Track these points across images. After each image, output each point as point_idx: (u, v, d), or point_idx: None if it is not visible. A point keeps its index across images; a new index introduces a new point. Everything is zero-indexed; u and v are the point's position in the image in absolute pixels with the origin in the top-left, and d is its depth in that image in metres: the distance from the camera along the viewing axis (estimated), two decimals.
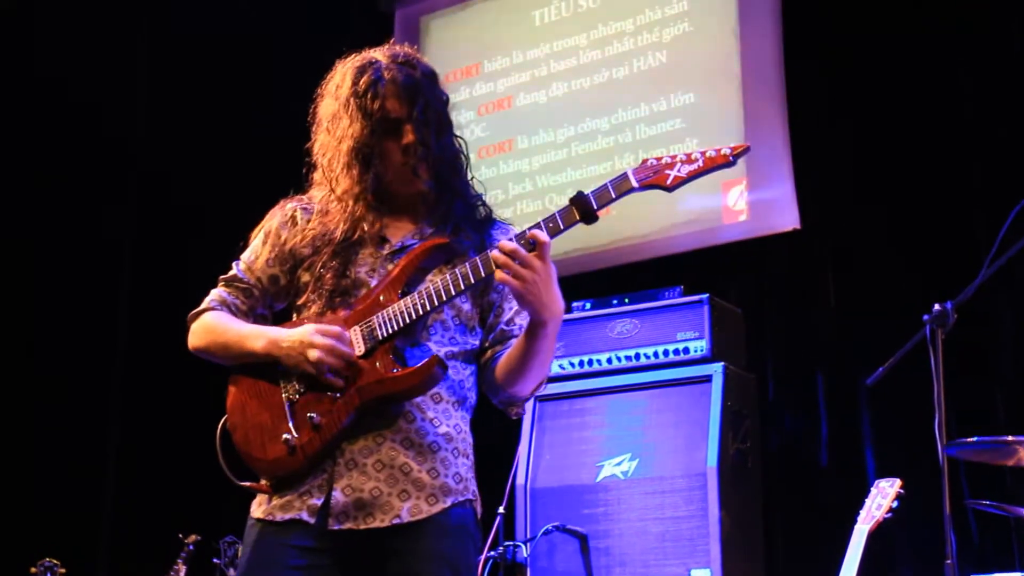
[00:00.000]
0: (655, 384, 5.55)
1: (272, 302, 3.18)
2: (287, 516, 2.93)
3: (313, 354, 2.92)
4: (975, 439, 4.19)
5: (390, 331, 2.93)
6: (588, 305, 5.90)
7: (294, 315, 3.13)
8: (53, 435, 7.78)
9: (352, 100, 3.06)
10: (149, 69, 8.22)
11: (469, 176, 3.21)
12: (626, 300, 5.81)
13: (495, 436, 4.39)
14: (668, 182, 2.86)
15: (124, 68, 8.13)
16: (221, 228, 7.65)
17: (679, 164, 2.86)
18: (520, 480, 5.56)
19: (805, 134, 6.39)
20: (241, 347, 3.05)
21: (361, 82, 3.06)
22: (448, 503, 2.94)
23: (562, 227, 2.85)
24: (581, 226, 2.88)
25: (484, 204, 3.21)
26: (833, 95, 6.35)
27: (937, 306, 4.08)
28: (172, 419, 7.69)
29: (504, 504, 5.42)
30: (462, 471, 2.99)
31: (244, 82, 7.88)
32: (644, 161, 2.89)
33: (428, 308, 2.91)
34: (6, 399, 7.73)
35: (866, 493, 4.49)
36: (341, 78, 3.13)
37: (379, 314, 2.94)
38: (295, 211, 3.16)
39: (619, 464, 5.45)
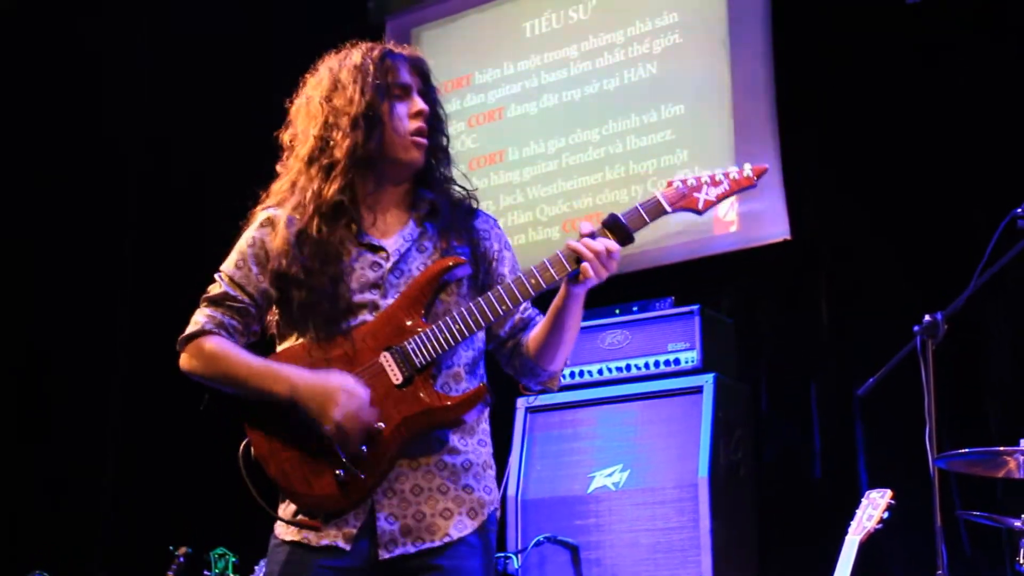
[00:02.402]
0: (646, 395, 5.55)
1: (263, 317, 3.11)
2: (322, 542, 2.93)
3: (335, 413, 2.86)
4: (966, 450, 4.20)
5: (428, 358, 2.93)
6: None
7: (290, 333, 3.06)
8: (49, 445, 7.77)
9: (363, 69, 3.08)
10: (151, 69, 8.20)
11: (452, 168, 3.22)
12: (617, 311, 5.81)
13: None
14: (699, 206, 2.96)
15: (125, 68, 8.11)
16: (220, 228, 7.74)
17: (706, 187, 2.96)
18: (511, 491, 5.56)
19: (795, 144, 6.40)
20: (257, 387, 2.95)
21: (374, 54, 3.11)
22: (486, 515, 3.00)
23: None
24: (569, 237, 2.90)
25: (469, 195, 3.21)
26: (823, 104, 6.35)
27: (927, 317, 4.08)
28: (166, 430, 7.68)
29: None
30: (490, 483, 3.06)
31: (241, 88, 7.87)
32: (669, 184, 2.97)
33: (468, 333, 2.94)
34: (3, 405, 7.72)
35: (858, 504, 4.49)
36: (341, 58, 3.16)
37: (411, 340, 2.93)
38: (274, 218, 3.10)
39: (610, 475, 5.45)
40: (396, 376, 2.92)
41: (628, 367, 5.65)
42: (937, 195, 5.93)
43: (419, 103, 3.10)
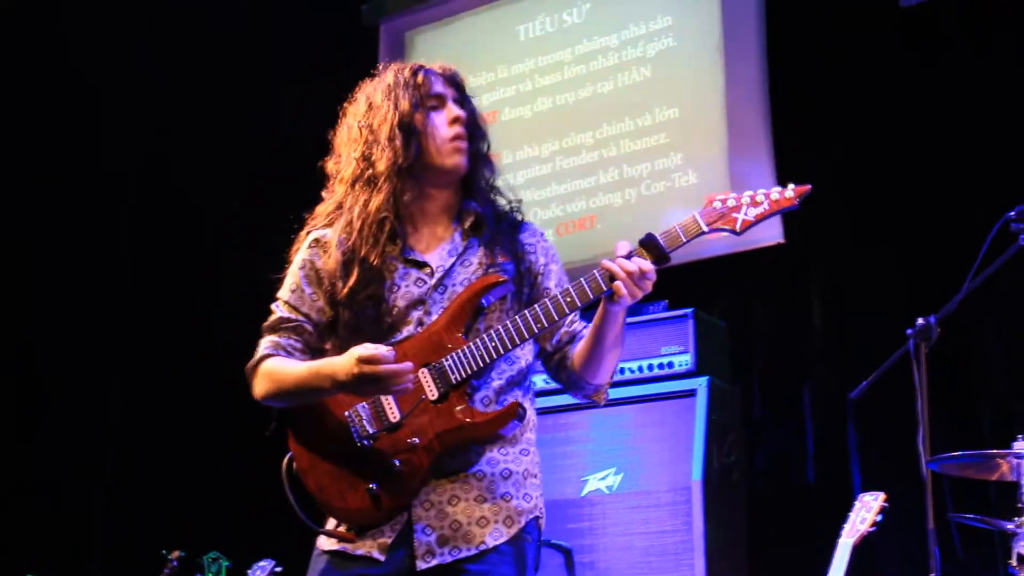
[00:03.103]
0: (640, 398, 5.55)
1: (324, 334, 3.13)
2: (358, 551, 2.97)
3: (379, 374, 2.87)
4: (958, 453, 4.20)
5: (464, 375, 2.95)
6: None
7: (335, 352, 3.08)
8: (45, 446, 7.77)
9: (396, 85, 3.13)
10: (150, 69, 8.20)
11: (496, 178, 3.28)
12: None
13: None
14: (737, 227, 2.94)
15: (126, 68, 8.11)
16: (219, 228, 7.75)
17: (745, 207, 2.95)
18: None
19: (789, 147, 6.40)
20: (306, 385, 3.00)
21: (406, 70, 3.17)
22: (523, 522, 3.01)
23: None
24: (566, 240, 2.91)
25: (511, 205, 3.27)
26: (817, 108, 6.36)
27: (920, 320, 4.09)
28: (162, 434, 7.69)
29: None
30: (531, 491, 3.06)
31: (237, 90, 7.88)
32: (709, 202, 2.95)
33: (505, 350, 2.96)
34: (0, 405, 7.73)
35: (851, 507, 4.49)
36: (375, 82, 3.20)
37: (449, 357, 2.96)
38: (323, 239, 3.15)
39: (604, 478, 5.45)
40: (432, 392, 2.96)
41: (622, 370, 5.65)
42: (930, 198, 5.93)
43: (455, 110, 3.16)
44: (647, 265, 2.91)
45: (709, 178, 6.59)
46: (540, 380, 5.69)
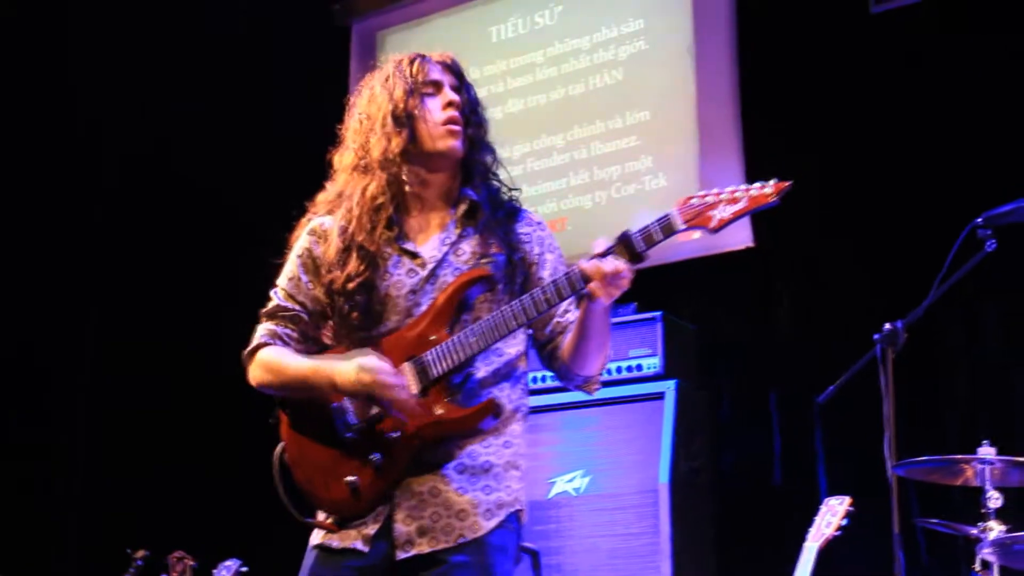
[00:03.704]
0: (608, 401, 5.55)
1: (319, 322, 3.17)
2: (344, 545, 3.01)
3: (384, 397, 2.94)
4: (924, 458, 4.21)
5: (443, 370, 2.98)
6: None
7: (336, 341, 3.13)
8: (10, 445, 7.72)
9: (394, 74, 3.18)
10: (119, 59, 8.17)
11: (498, 165, 3.26)
12: None
13: None
14: (712, 224, 2.90)
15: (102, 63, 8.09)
16: (198, 226, 7.73)
17: (722, 204, 2.90)
18: None
19: (759, 151, 6.42)
20: (307, 382, 3.04)
21: (404, 60, 3.21)
22: (503, 515, 3.04)
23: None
24: None
25: (511, 192, 3.26)
26: (787, 112, 6.38)
27: (888, 325, 4.10)
28: (127, 432, 7.65)
29: None
30: (513, 484, 3.09)
31: (209, 88, 7.86)
32: (688, 200, 2.91)
33: (484, 346, 2.98)
34: None
35: (817, 510, 4.50)
36: (380, 72, 3.24)
37: (431, 351, 2.99)
38: (322, 227, 3.18)
39: (571, 480, 5.45)
40: (413, 386, 2.99)
41: None
42: (899, 204, 5.96)
43: (450, 94, 3.17)
44: (622, 265, 2.90)
45: (679, 181, 6.61)
46: None
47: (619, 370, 5.62)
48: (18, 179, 7.90)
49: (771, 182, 2.95)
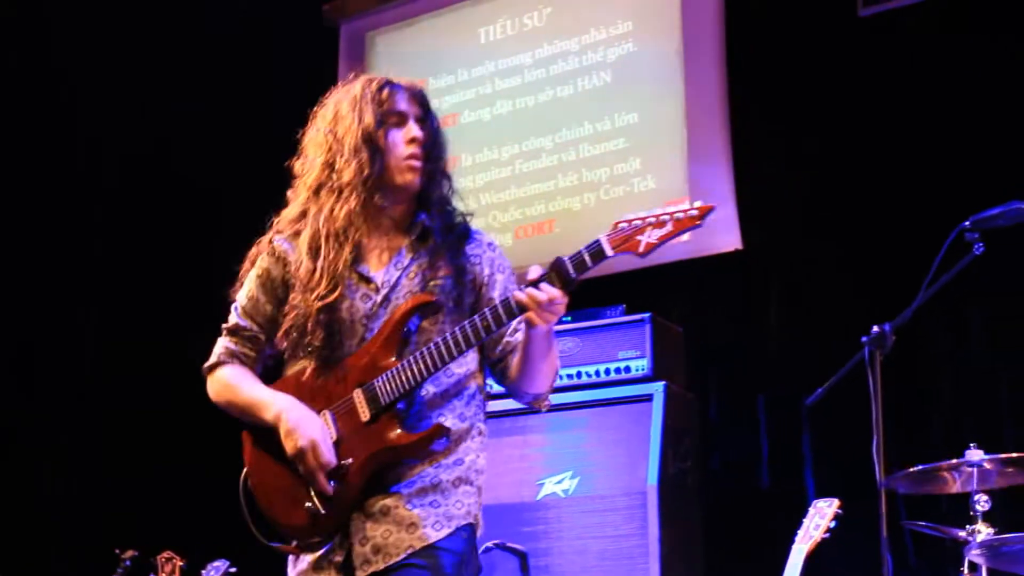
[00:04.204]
0: (596, 403, 5.55)
1: (277, 342, 3.28)
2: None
3: (300, 467, 3.08)
4: (913, 469, 4.20)
5: (392, 397, 3.08)
6: None
7: (292, 359, 3.25)
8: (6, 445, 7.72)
9: (363, 98, 3.25)
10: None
11: (453, 193, 3.34)
12: (568, 318, 5.80)
13: None
14: (640, 249, 2.99)
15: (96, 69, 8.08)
16: (193, 230, 7.73)
17: (649, 229, 2.99)
18: None
19: (748, 154, 6.43)
20: (253, 413, 3.19)
21: (373, 84, 3.30)
22: (452, 527, 3.11)
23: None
24: (525, 244, 2.94)
25: (463, 218, 3.33)
26: (776, 115, 6.39)
27: (876, 328, 4.11)
28: (118, 431, 7.64)
29: None
30: (464, 499, 3.16)
31: (200, 90, 7.86)
32: (615, 225, 3.00)
33: (429, 372, 3.08)
34: None
35: (805, 512, 4.51)
36: (344, 91, 3.31)
37: (379, 378, 3.09)
38: (280, 248, 3.28)
39: (560, 482, 5.45)
40: (364, 414, 3.10)
41: (579, 374, 5.65)
42: (887, 207, 5.97)
43: (414, 130, 3.25)
44: (554, 292, 3.00)
45: (668, 183, 6.62)
46: (494, 383, 5.72)
47: (607, 372, 5.62)
48: (18, 179, 7.90)
49: (696, 204, 3.03)
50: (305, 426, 3.09)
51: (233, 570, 5.20)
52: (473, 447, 3.23)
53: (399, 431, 3.07)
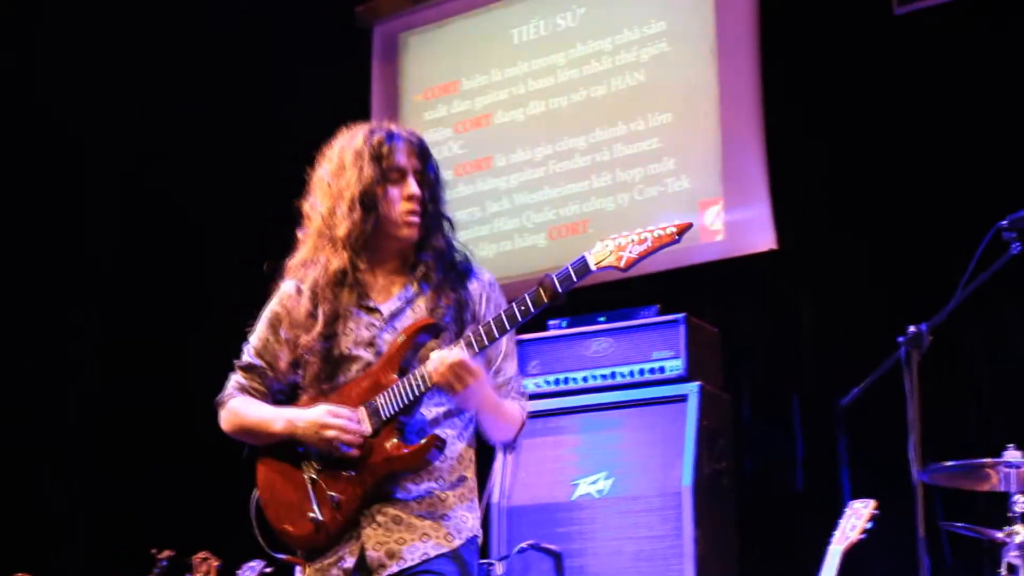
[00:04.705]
0: (631, 403, 5.55)
1: (285, 377, 3.49)
2: None
3: (329, 433, 3.27)
4: (950, 463, 4.20)
5: (393, 411, 3.28)
6: (564, 323, 5.90)
7: (302, 391, 3.46)
8: (30, 445, 7.75)
9: (364, 152, 3.40)
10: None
11: (453, 235, 3.53)
12: (602, 319, 5.80)
13: None
14: (622, 264, 3.20)
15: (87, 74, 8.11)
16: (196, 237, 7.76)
17: (631, 245, 3.19)
18: (495, 498, 5.55)
19: (782, 154, 6.41)
20: (263, 430, 3.41)
21: (374, 138, 3.43)
22: (463, 539, 3.34)
23: (532, 309, 3.24)
24: (559, 244, 2.98)
25: (464, 256, 3.52)
26: (810, 114, 6.37)
27: (912, 328, 4.09)
28: (152, 433, 7.68)
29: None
30: (468, 514, 3.39)
31: (220, 91, 7.89)
32: (600, 242, 3.22)
33: (424, 389, 3.26)
34: None
35: (840, 514, 4.49)
36: (348, 139, 3.47)
37: (381, 394, 3.29)
38: (286, 292, 3.49)
39: (594, 483, 5.45)
40: (367, 429, 3.30)
41: (613, 375, 5.65)
42: (922, 206, 5.95)
43: (412, 187, 3.40)
44: (455, 358, 3.19)
45: (702, 183, 6.61)
46: (531, 384, 5.73)
47: (642, 372, 5.61)
48: (17, 178, 7.95)
49: (675, 222, 3.21)
50: (314, 410, 3.32)
51: (268, 570, 5.22)
52: (472, 469, 3.45)
53: (397, 442, 3.27)
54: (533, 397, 5.65)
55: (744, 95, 6.56)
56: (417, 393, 3.25)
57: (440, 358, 3.20)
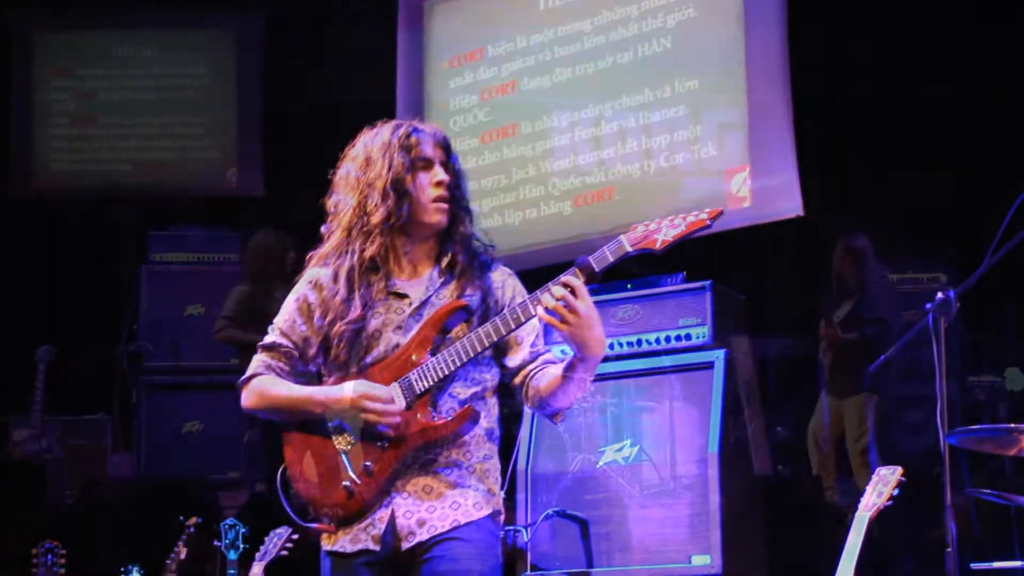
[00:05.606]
0: (657, 370, 5.54)
1: (310, 360, 3.59)
2: (356, 547, 3.42)
3: (368, 413, 3.37)
4: (977, 427, 4.19)
5: (426, 386, 3.40)
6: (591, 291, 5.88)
7: (325, 372, 3.57)
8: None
9: (392, 143, 3.54)
10: None
11: (475, 226, 3.64)
12: (629, 286, 5.79)
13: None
14: (657, 246, 3.30)
15: None
16: None
17: (665, 228, 3.31)
18: (521, 465, 5.56)
19: (809, 120, 6.38)
20: (296, 408, 3.49)
21: (400, 131, 3.57)
22: (490, 510, 3.46)
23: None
24: (584, 212, 2.98)
25: (486, 249, 3.64)
26: (838, 79, 6.35)
27: (940, 295, 4.07)
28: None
29: (504, 489, 5.41)
30: (494, 488, 3.51)
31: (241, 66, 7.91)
32: (634, 227, 3.32)
33: (459, 363, 3.38)
34: None
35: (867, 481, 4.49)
36: (373, 135, 3.60)
37: (415, 371, 3.41)
38: (318, 278, 3.59)
39: (620, 450, 5.45)
40: (401, 402, 3.40)
41: (639, 342, 5.64)
42: (949, 173, 5.92)
43: (440, 173, 3.55)
44: (575, 281, 3.27)
45: (729, 150, 6.58)
46: (558, 351, 5.72)
47: (668, 339, 5.60)
48: None
49: (707, 210, 3.29)
50: (348, 387, 3.41)
51: (296, 537, 5.24)
52: (496, 449, 3.54)
53: (431, 413, 3.39)
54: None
55: (771, 60, 6.52)
56: (454, 367, 3.36)
57: (551, 289, 3.26)
